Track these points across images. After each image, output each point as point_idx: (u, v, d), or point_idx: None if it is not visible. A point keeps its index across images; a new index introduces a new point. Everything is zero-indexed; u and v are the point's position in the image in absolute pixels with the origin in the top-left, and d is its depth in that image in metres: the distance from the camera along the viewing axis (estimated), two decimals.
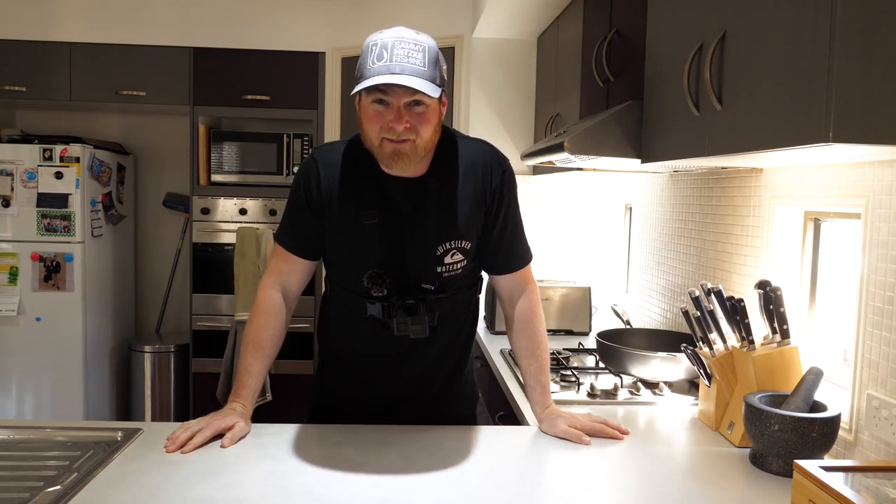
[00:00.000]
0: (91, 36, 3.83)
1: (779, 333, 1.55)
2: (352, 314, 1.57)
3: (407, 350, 1.57)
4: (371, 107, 1.39)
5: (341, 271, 1.57)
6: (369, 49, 1.37)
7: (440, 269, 1.51)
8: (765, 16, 1.23)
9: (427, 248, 1.49)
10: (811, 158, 1.45)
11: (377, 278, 1.48)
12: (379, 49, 1.36)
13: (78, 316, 3.69)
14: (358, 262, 1.50)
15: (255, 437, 1.47)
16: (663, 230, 2.54)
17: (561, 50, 2.90)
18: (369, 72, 1.35)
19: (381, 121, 1.38)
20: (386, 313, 1.51)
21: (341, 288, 1.59)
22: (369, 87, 1.34)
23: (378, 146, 1.41)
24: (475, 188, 1.52)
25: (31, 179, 3.63)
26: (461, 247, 1.52)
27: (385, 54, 1.35)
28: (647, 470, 1.39)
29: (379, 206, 1.48)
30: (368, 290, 1.49)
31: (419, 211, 1.49)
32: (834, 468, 1.10)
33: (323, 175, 1.50)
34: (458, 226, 1.51)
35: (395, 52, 1.35)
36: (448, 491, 1.24)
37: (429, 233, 1.49)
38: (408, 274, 1.50)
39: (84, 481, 1.22)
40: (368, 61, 1.36)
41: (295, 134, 3.98)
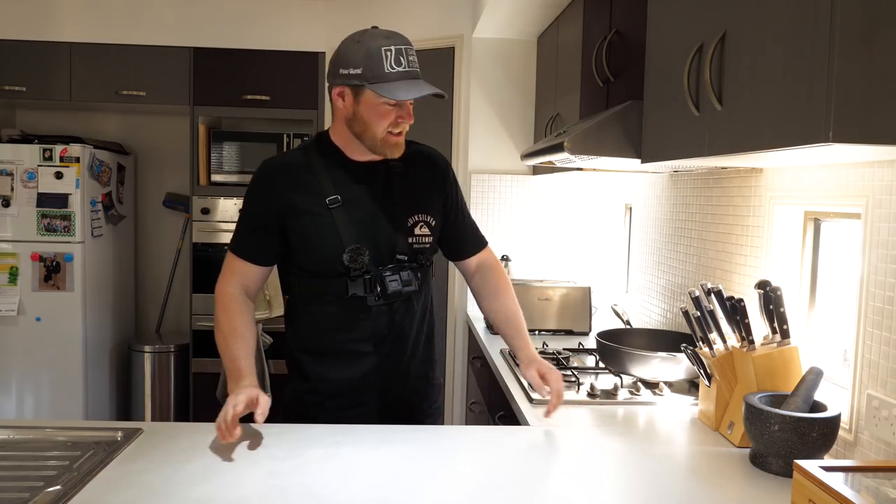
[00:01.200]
0: (91, 36, 3.83)
1: (779, 333, 1.55)
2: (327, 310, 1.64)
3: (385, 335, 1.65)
4: (383, 106, 1.55)
5: (316, 261, 1.62)
6: (383, 54, 1.52)
7: (411, 239, 1.66)
8: (765, 16, 1.23)
9: (399, 219, 1.65)
10: (811, 158, 1.45)
11: (355, 252, 1.58)
12: (395, 55, 1.52)
13: (78, 316, 3.69)
14: (334, 243, 1.59)
15: (255, 437, 1.47)
16: (663, 230, 2.54)
17: (561, 50, 2.90)
18: (390, 76, 1.52)
19: (391, 117, 1.56)
20: (368, 287, 1.61)
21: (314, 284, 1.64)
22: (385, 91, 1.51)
23: (382, 139, 1.58)
24: (432, 177, 1.74)
25: (31, 179, 3.63)
26: (427, 221, 1.69)
27: (402, 60, 1.53)
28: (647, 470, 1.39)
29: (346, 189, 1.62)
30: (348, 268, 1.59)
31: (388, 188, 1.66)
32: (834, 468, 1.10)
33: (277, 182, 1.62)
34: (423, 202, 1.70)
35: (409, 59, 1.55)
36: (448, 491, 1.24)
37: (398, 206, 1.66)
38: (383, 245, 1.63)
39: (84, 481, 1.22)
40: (385, 65, 1.52)
41: (295, 134, 3.98)
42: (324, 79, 3.90)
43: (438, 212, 1.73)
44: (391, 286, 1.62)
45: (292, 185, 1.61)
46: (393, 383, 1.69)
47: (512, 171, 3.46)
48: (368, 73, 1.52)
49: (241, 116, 4.09)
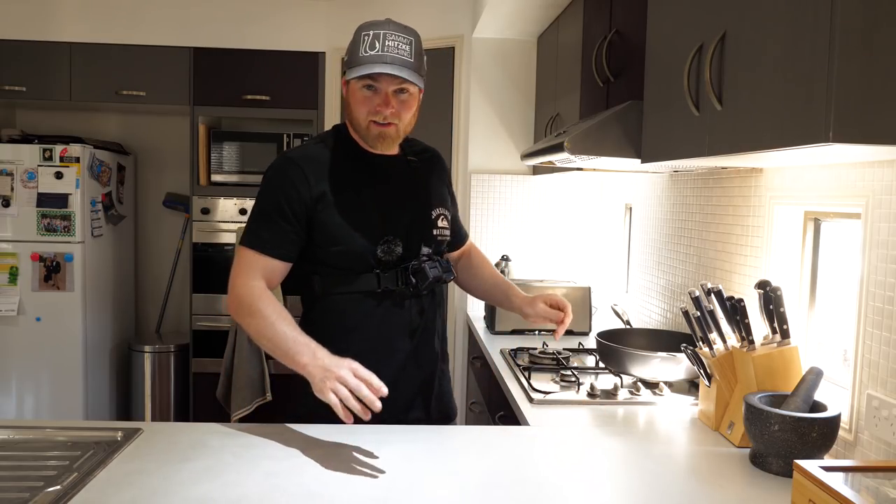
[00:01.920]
0: (91, 36, 3.83)
1: (779, 333, 1.55)
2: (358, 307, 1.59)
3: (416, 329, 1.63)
4: (361, 92, 1.55)
5: (347, 255, 1.57)
6: (361, 38, 1.53)
7: (435, 231, 1.67)
8: (765, 16, 1.23)
9: (425, 212, 1.66)
10: (811, 158, 1.45)
11: (389, 244, 1.57)
12: (371, 39, 1.52)
13: (78, 316, 3.69)
14: (367, 236, 1.56)
15: (255, 436, 1.47)
16: (663, 230, 2.54)
17: (561, 50, 2.90)
18: (361, 59, 1.51)
19: (369, 105, 1.55)
20: (401, 280, 1.59)
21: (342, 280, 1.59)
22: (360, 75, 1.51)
23: (365, 128, 1.58)
24: (440, 172, 1.78)
25: (31, 179, 3.63)
26: (445, 214, 1.71)
27: (377, 44, 1.51)
28: (648, 470, 1.39)
29: (373, 182, 1.61)
30: (380, 261, 1.57)
31: (410, 181, 1.67)
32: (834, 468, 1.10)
33: (307, 170, 1.57)
34: (440, 196, 1.73)
35: (387, 43, 1.52)
36: (448, 491, 1.24)
37: (422, 198, 1.67)
38: (412, 237, 1.62)
39: (84, 481, 1.22)
40: (360, 49, 1.52)
41: (295, 134, 3.98)
42: (323, 79, 3.90)
43: (449, 206, 1.76)
44: (431, 273, 1.59)
45: (322, 175, 1.57)
46: (424, 377, 1.67)
47: (512, 171, 3.46)
48: (349, 59, 1.56)
49: (241, 116, 4.09)
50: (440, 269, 1.63)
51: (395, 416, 1.60)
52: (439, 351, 1.74)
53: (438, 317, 1.73)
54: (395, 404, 1.62)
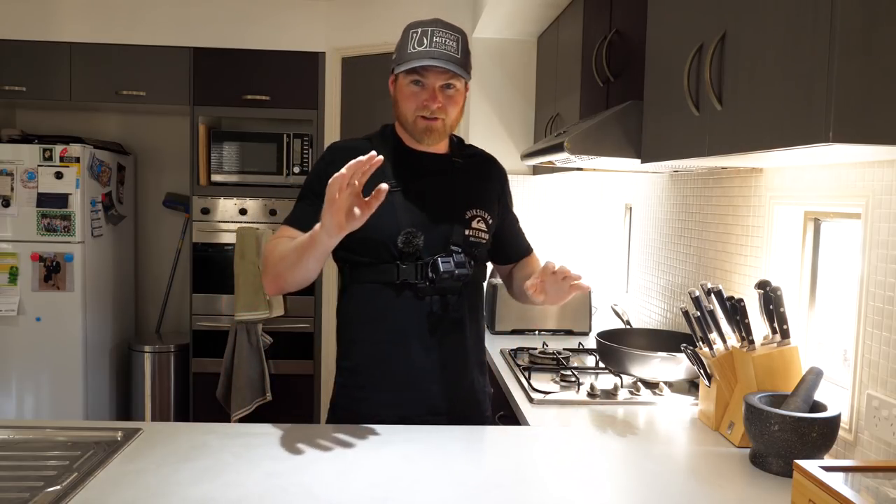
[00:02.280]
0: (91, 36, 3.83)
1: (779, 333, 1.55)
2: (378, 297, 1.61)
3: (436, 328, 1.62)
4: (408, 87, 1.60)
5: (370, 243, 1.59)
6: (410, 35, 1.59)
7: (468, 231, 1.66)
8: (765, 16, 1.23)
9: (456, 210, 1.66)
10: (811, 158, 1.45)
11: (410, 236, 1.59)
12: (419, 35, 1.58)
13: (78, 316, 3.69)
14: (390, 226, 1.58)
15: (255, 436, 1.47)
16: (663, 230, 2.54)
17: (561, 50, 2.90)
18: (409, 55, 1.57)
19: (416, 100, 1.60)
20: (420, 273, 1.60)
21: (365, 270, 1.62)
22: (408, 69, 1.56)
23: (412, 122, 1.62)
24: (491, 178, 1.79)
25: (31, 179, 3.63)
26: (484, 217, 1.70)
27: (425, 40, 1.58)
28: (648, 470, 1.39)
29: (407, 176, 1.64)
30: (401, 252, 1.58)
31: (447, 178, 1.68)
32: (834, 468, 1.10)
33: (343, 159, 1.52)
34: (482, 198, 1.72)
35: (434, 40, 1.58)
36: (448, 491, 1.24)
37: (458, 197, 1.68)
38: (438, 233, 1.62)
39: (84, 481, 1.22)
40: (409, 46, 1.58)
41: (295, 134, 3.98)
42: (323, 79, 3.90)
43: (496, 212, 1.74)
44: (443, 266, 1.59)
45: None
46: (443, 384, 1.64)
47: (512, 171, 3.41)
48: (397, 55, 1.61)
49: (241, 116, 4.08)
50: (453, 263, 1.61)
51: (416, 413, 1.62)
52: (472, 358, 1.70)
53: (471, 321, 1.69)
54: (414, 402, 1.63)
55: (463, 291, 1.66)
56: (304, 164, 3.97)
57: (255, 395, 3.82)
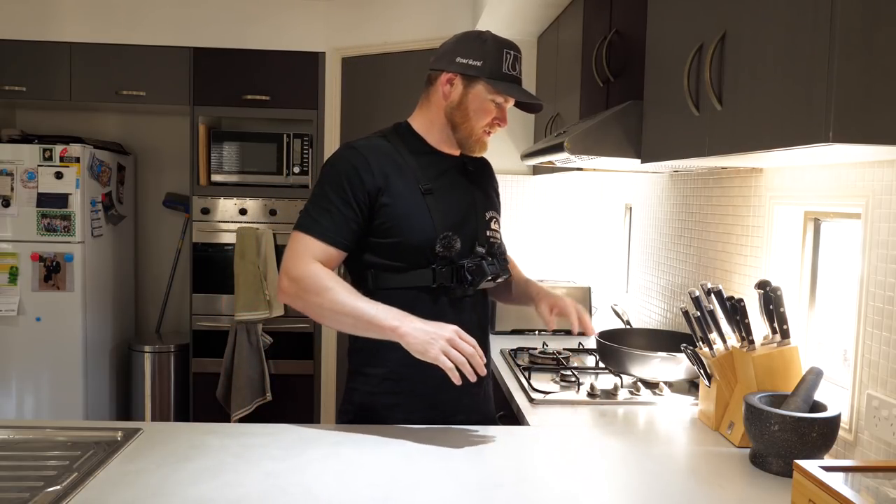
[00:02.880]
0: (91, 36, 3.83)
1: (779, 333, 1.55)
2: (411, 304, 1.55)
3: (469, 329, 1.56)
4: (489, 104, 1.63)
5: (405, 248, 1.57)
6: (505, 55, 1.61)
7: (489, 233, 1.69)
8: (765, 16, 1.23)
9: (480, 213, 1.69)
10: (811, 158, 1.45)
11: (449, 239, 1.57)
12: (512, 59, 1.62)
13: (78, 316, 3.68)
14: (427, 230, 1.57)
15: (255, 436, 1.47)
16: (663, 230, 2.54)
17: (561, 50, 2.89)
18: (507, 77, 1.61)
19: (491, 115, 1.64)
20: (457, 277, 1.59)
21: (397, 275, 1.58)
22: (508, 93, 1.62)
23: (478, 135, 1.65)
24: (490, 178, 1.82)
25: (31, 179, 3.63)
26: (497, 218, 1.75)
27: (517, 67, 1.64)
28: (648, 470, 1.39)
29: (435, 177, 1.64)
30: (437, 256, 1.57)
31: (469, 181, 1.71)
32: (834, 468, 1.10)
33: (371, 159, 1.58)
34: (493, 199, 1.78)
35: (519, 68, 1.65)
36: (448, 491, 1.24)
37: (478, 199, 1.70)
38: (469, 236, 1.63)
39: (84, 481, 1.22)
40: (504, 65, 1.61)
41: (295, 134, 3.98)
42: (324, 79, 3.90)
43: (500, 212, 1.79)
44: (489, 270, 1.60)
45: (385, 166, 1.57)
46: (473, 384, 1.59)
47: (512, 171, 3.46)
48: (488, 68, 1.59)
49: (241, 116, 4.08)
50: (498, 266, 1.63)
51: (444, 417, 1.61)
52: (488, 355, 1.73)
53: (488, 319, 1.75)
54: (446, 406, 1.63)
55: (486, 291, 1.70)
56: (304, 164, 3.97)
57: (255, 395, 3.82)
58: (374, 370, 1.63)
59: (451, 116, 1.63)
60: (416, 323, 1.45)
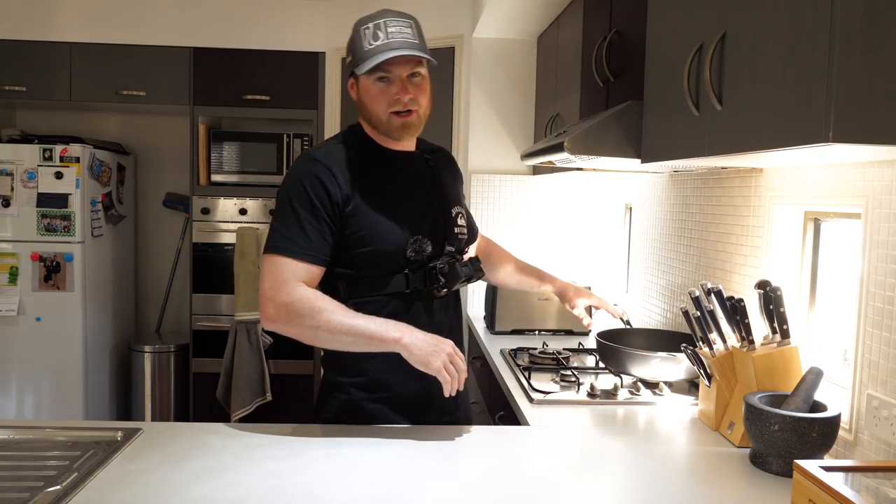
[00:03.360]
0: (91, 36, 3.83)
1: (779, 333, 1.55)
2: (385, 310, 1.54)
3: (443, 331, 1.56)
4: (374, 86, 1.52)
5: (376, 256, 1.53)
6: (362, 33, 1.50)
7: (457, 230, 1.65)
8: (765, 16, 1.23)
9: (446, 210, 1.64)
10: (811, 158, 1.45)
11: (420, 243, 1.55)
12: (372, 30, 1.48)
13: (78, 316, 3.69)
14: (397, 236, 1.54)
15: (255, 436, 1.47)
16: (663, 230, 2.54)
17: (561, 50, 2.90)
18: (367, 53, 1.48)
19: (386, 97, 1.52)
20: (429, 280, 1.56)
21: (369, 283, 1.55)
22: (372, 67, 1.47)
23: (387, 122, 1.54)
24: (453, 170, 1.77)
25: (31, 179, 3.63)
26: (462, 212, 1.70)
27: (380, 34, 1.48)
28: (648, 470, 1.39)
29: (396, 180, 1.59)
30: (409, 260, 1.55)
31: (428, 177, 1.65)
32: (834, 468, 1.10)
33: (334, 169, 1.53)
34: (456, 193, 1.73)
35: (389, 30, 1.48)
36: (448, 491, 1.24)
37: (440, 195, 1.65)
38: (437, 236, 1.60)
39: (84, 481, 1.22)
40: (364, 43, 1.49)
41: (295, 134, 3.98)
42: (323, 79, 3.90)
43: (464, 205, 1.76)
44: (463, 272, 1.58)
45: (348, 175, 1.52)
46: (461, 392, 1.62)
47: (512, 171, 3.46)
48: (353, 58, 1.52)
49: (241, 116, 4.09)
50: (471, 268, 1.61)
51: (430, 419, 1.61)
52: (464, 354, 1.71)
53: (461, 319, 1.73)
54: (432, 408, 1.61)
55: (458, 291, 1.68)
56: None
57: (255, 395, 3.82)
58: (353, 379, 1.59)
59: (364, 117, 1.60)
60: (417, 334, 1.45)
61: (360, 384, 1.59)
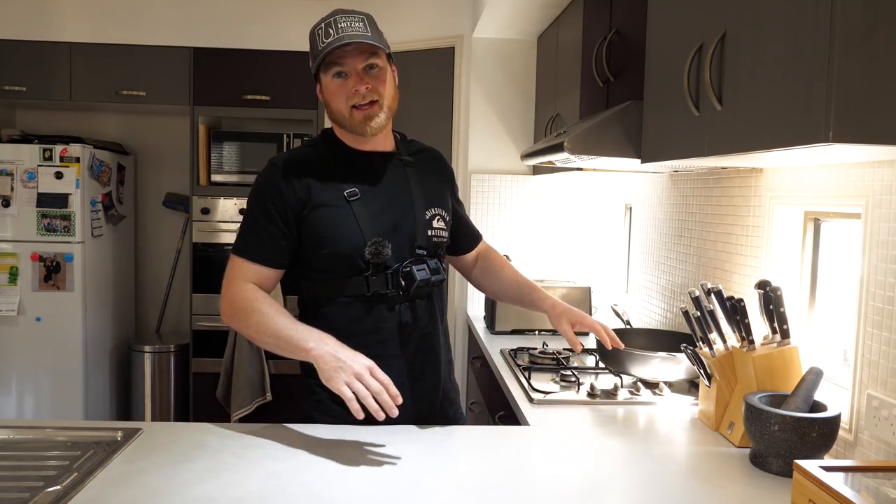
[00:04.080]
0: (91, 36, 3.83)
1: (779, 333, 1.55)
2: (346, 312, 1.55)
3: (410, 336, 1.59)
4: (332, 83, 1.54)
5: (335, 257, 1.54)
6: (315, 34, 1.54)
7: (430, 232, 1.62)
8: (765, 16, 1.23)
9: (417, 211, 1.61)
10: (811, 158, 1.45)
11: (378, 245, 1.53)
12: (324, 29, 1.52)
13: (78, 316, 3.69)
14: (355, 238, 1.53)
15: (255, 436, 1.47)
16: (663, 230, 2.54)
17: (561, 50, 2.90)
18: (321, 50, 1.51)
19: (344, 90, 1.53)
20: (391, 283, 1.55)
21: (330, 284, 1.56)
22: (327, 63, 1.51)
23: (349, 117, 1.55)
24: (441, 172, 1.74)
25: (31, 179, 3.63)
26: (442, 215, 1.67)
27: (331, 31, 1.51)
28: (648, 470, 1.38)
29: (361, 181, 1.58)
30: (369, 264, 1.54)
31: (403, 180, 1.63)
32: (834, 468, 1.10)
33: (291, 174, 1.56)
34: (437, 195, 1.68)
35: (340, 26, 1.51)
36: (448, 491, 1.24)
37: (416, 198, 1.62)
38: (404, 238, 1.58)
39: (84, 481, 1.22)
40: (318, 43, 1.52)
41: (295, 134, 3.98)
42: None
43: (449, 207, 1.71)
44: (419, 275, 1.55)
45: (307, 177, 1.55)
46: (425, 389, 1.62)
47: (512, 171, 3.46)
48: (315, 58, 1.54)
49: (241, 116, 4.09)
50: (428, 270, 1.57)
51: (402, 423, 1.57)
52: (443, 361, 1.67)
53: (439, 324, 1.67)
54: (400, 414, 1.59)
55: (433, 296, 1.63)
56: None
57: (255, 395, 3.82)
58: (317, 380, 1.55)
59: (330, 117, 1.60)
60: (330, 346, 1.41)
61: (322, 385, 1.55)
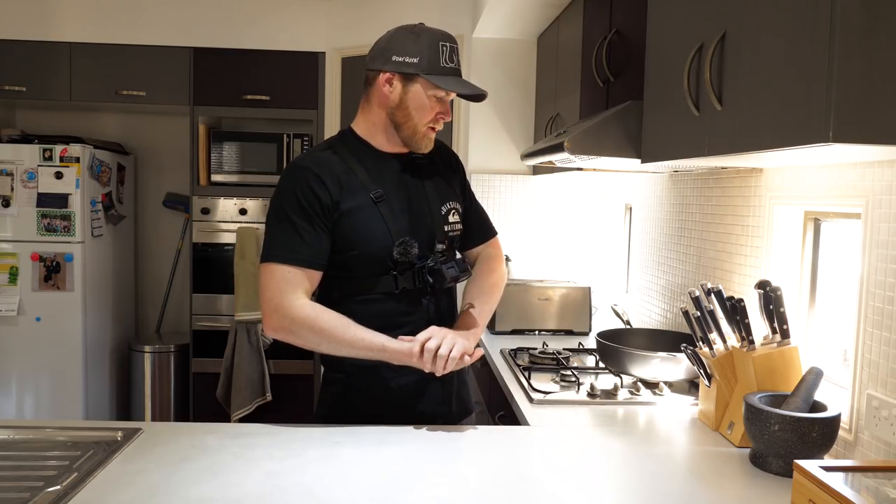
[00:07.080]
0: (91, 36, 3.83)
1: (779, 333, 1.55)
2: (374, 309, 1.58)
3: None
4: (431, 99, 1.58)
5: (364, 258, 1.57)
6: (440, 48, 1.58)
7: (447, 227, 1.66)
8: (765, 16, 1.23)
9: (435, 208, 1.65)
10: (811, 158, 1.45)
11: (406, 245, 1.57)
12: (449, 51, 1.59)
13: (78, 316, 3.68)
14: (384, 238, 1.56)
15: (255, 436, 1.47)
16: (663, 230, 2.54)
17: (561, 50, 2.90)
18: (445, 70, 1.57)
19: (433, 112, 1.60)
20: (418, 280, 1.60)
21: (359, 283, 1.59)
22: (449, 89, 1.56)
23: (421, 132, 1.61)
24: (449, 164, 1.77)
25: (31, 179, 3.63)
26: (456, 208, 1.71)
27: (455, 58, 1.60)
28: (648, 470, 1.39)
29: (383, 181, 1.61)
30: (397, 261, 1.57)
31: (418, 177, 1.66)
32: (834, 468, 1.10)
33: (322, 174, 1.56)
34: (450, 189, 1.72)
35: (457, 58, 1.61)
36: (448, 491, 1.24)
37: (432, 194, 1.66)
38: (426, 235, 1.61)
39: (84, 481, 1.22)
40: (441, 59, 1.57)
41: (295, 134, 3.98)
42: (323, 79, 3.90)
43: (460, 199, 1.74)
44: (449, 273, 1.59)
45: (335, 180, 1.56)
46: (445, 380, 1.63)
47: (512, 171, 3.46)
48: (425, 64, 1.56)
49: (241, 116, 4.08)
50: (457, 268, 1.63)
51: (423, 412, 1.62)
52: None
53: (455, 315, 1.72)
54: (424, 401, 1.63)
55: (451, 289, 1.69)
56: None
57: (255, 395, 3.82)
58: (335, 375, 1.65)
59: (392, 116, 1.60)
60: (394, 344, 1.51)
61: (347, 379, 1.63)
